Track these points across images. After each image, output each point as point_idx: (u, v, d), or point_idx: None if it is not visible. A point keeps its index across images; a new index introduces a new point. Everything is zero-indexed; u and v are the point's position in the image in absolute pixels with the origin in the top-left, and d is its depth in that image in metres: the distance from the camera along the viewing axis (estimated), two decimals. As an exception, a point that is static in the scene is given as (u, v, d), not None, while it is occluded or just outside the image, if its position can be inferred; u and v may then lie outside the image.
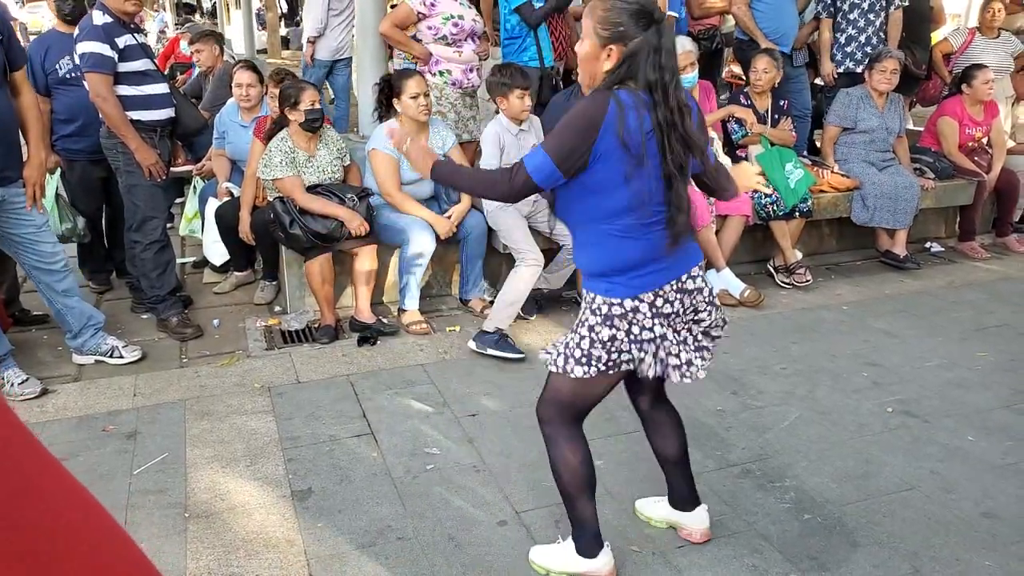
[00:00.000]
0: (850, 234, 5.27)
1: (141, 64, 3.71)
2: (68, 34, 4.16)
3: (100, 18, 3.58)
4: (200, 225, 4.78)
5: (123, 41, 3.62)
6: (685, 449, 2.36)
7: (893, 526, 2.49)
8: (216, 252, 4.55)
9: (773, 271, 4.80)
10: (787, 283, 4.70)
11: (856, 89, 5.02)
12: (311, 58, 6.66)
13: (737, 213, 4.52)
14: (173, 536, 2.44)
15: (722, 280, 4.39)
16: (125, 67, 3.65)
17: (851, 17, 5.20)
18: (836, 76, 5.34)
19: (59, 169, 4.23)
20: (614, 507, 2.55)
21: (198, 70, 5.99)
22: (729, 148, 4.90)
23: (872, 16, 5.18)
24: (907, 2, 5.21)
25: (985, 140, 5.43)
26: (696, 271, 2.06)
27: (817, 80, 5.64)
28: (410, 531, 2.46)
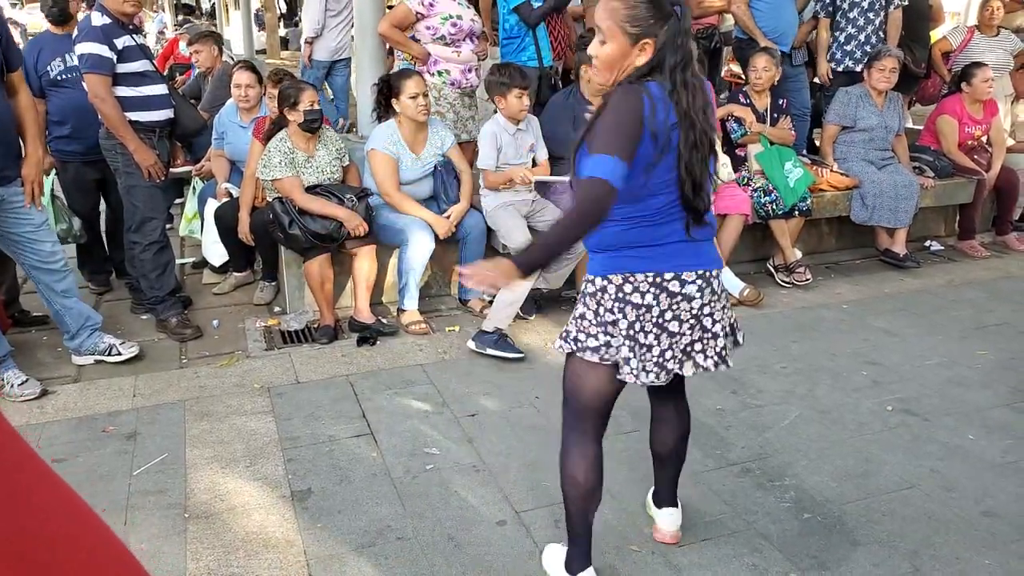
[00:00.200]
0: (849, 233, 5.27)
1: (140, 65, 3.71)
2: (60, 35, 4.19)
3: (99, 19, 3.58)
4: (199, 226, 4.78)
5: (122, 42, 3.62)
6: (682, 452, 2.33)
7: (893, 525, 2.49)
8: (215, 253, 4.56)
9: (773, 270, 4.80)
10: (787, 282, 4.70)
11: (855, 88, 5.02)
12: (309, 59, 6.67)
13: (736, 212, 4.51)
14: (173, 536, 2.45)
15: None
16: (124, 68, 3.65)
17: (851, 16, 5.20)
18: (833, 76, 5.33)
19: (54, 170, 4.23)
20: (614, 507, 2.55)
21: (197, 71, 5.99)
22: (728, 147, 4.90)
23: (872, 15, 5.17)
24: (907, 1, 5.20)
25: (985, 138, 5.43)
26: (692, 276, 1.96)
27: (816, 79, 5.64)
28: (410, 531, 2.46)
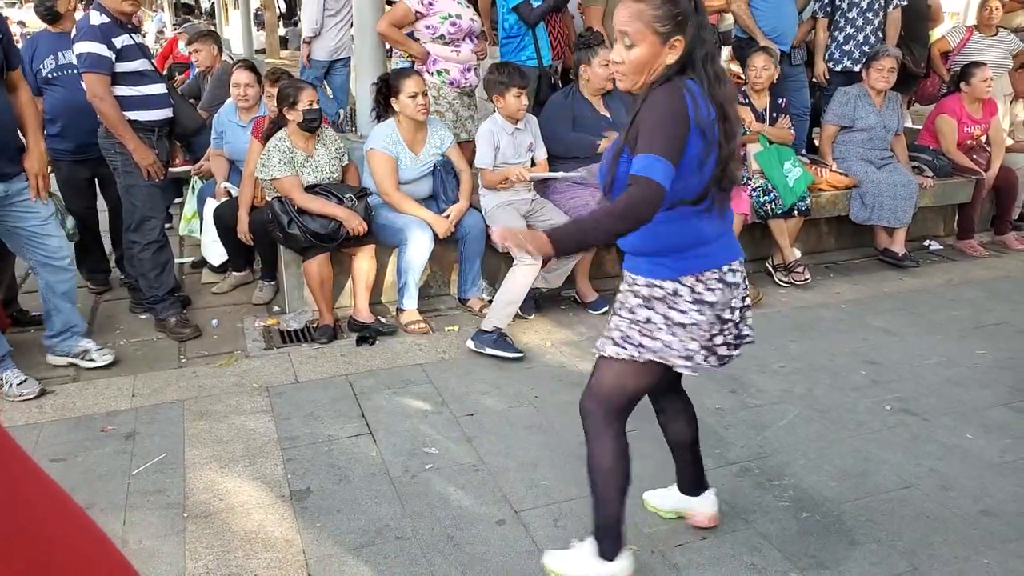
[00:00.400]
0: (849, 232, 5.27)
1: (138, 64, 3.71)
2: (55, 33, 4.20)
3: (97, 18, 3.57)
4: (198, 225, 4.78)
5: (120, 41, 3.62)
6: (696, 435, 2.38)
7: (891, 524, 2.49)
8: (214, 252, 4.56)
9: (772, 269, 4.81)
10: (786, 281, 4.70)
11: (854, 88, 5.02)
12: (308, 59, 6.66)
13: (735, 211, 4.51)
14: (172, 536, 2.44)
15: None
16: (122, 67, 3.65)
17: (850, 16, 5.20)
18: (831, 76, 5.33)
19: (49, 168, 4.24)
20: (613, 506, 2.55)
21: (196, 70, 5.99)
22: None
23: (871, 15, 5.17)
24: (905, 1, 5.20)
25: (983, 138, 5.43)
26: (737, 265, 2.06)
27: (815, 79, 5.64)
28: (409, 530, 2.46)
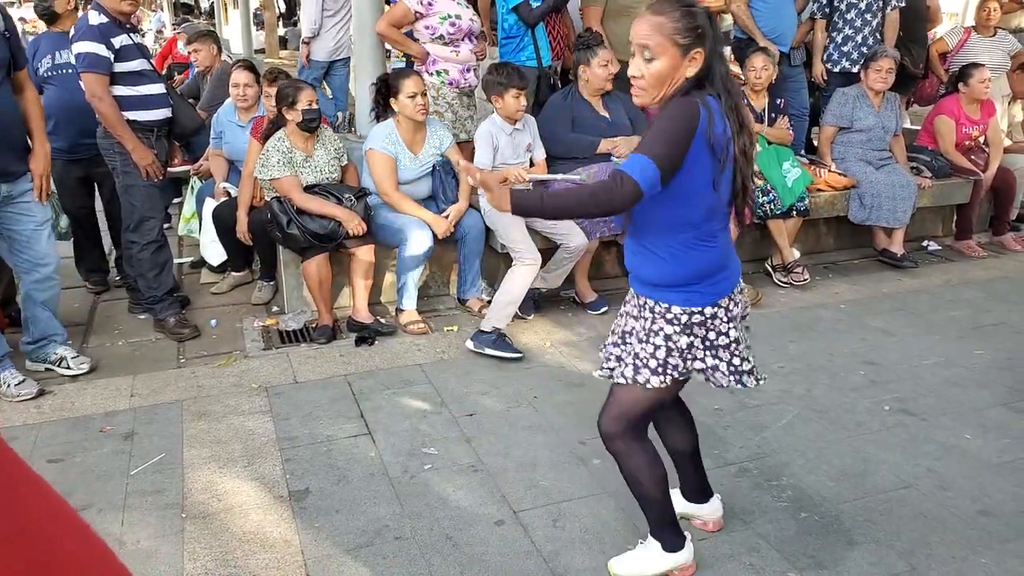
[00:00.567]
0: (847, 233, 5.28)
1: (137, 64, 3.71)
2: (55, 33, 4.23)
3: (96, 18, 3.57)
4: (197, 225, 4.78)
5: (119, 41, 3.62)
6: (697, 443, 2.38)
7: (890, 524, 2.49)
8: (213, 252, 4.55)
9: (771, 270, 4.81)
10: (785, 282, 4.70)
11: (852, 88, 5.02)
12: (307, 59, 6.66)
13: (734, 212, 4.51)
14: (170, 536, 2.44)
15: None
16: (121, 67, 3.64)
17: (848, 17, 5.20)
18: (829, 76, 5.33)
19: None
20: (611, 506, 2.56)
21: (195, 70, 5.99)
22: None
23: (869, 16, 5.17)
24: (903, 3, 5.21)
25: (982, 139, 5.43)
26: (741, 280, 2.13)
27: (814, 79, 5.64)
28: (407, 531, 2.46)
